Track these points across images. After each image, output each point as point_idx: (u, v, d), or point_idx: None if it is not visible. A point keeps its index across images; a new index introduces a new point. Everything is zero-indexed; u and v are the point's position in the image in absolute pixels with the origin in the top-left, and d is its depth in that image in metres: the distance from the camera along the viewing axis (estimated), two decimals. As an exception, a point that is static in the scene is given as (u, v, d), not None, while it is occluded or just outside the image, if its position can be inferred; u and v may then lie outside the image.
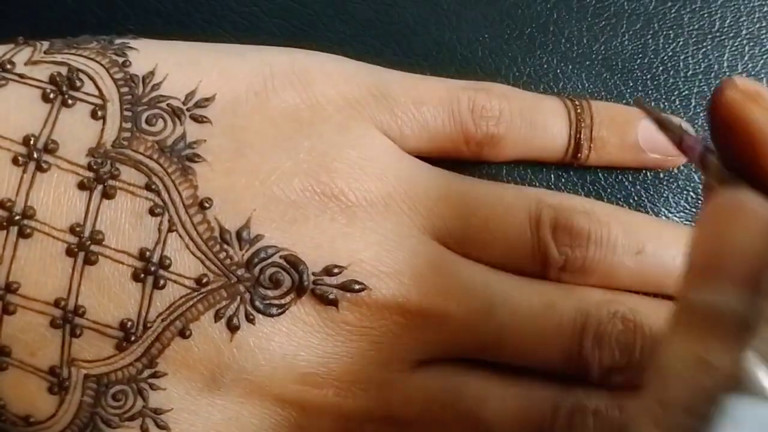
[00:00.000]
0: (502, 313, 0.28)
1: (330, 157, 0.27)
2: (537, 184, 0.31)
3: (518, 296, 0.28)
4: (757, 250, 0.18)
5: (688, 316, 0.19)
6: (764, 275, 0.17)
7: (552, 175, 0.31)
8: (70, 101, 0.26)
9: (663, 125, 0.23)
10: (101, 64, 0.27)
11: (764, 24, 0.32)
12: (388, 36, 0.31)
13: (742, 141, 0.19)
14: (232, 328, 0.26)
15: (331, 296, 0.26)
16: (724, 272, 0.18)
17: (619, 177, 0.31)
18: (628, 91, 0.32)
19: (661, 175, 0.31)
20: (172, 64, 0.27)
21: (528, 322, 0.28)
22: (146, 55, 0.27)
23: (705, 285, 0.19)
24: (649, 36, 0.32)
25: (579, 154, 0.30)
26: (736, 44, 0.32)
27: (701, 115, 0.32)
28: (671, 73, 0.32)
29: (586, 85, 0.32)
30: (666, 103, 0.32)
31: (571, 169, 0.31)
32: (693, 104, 0.32)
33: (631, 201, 0.31)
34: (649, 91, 0.32)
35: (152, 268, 0.25)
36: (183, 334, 0.26)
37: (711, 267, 0.19)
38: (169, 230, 0.26)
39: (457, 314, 0.27)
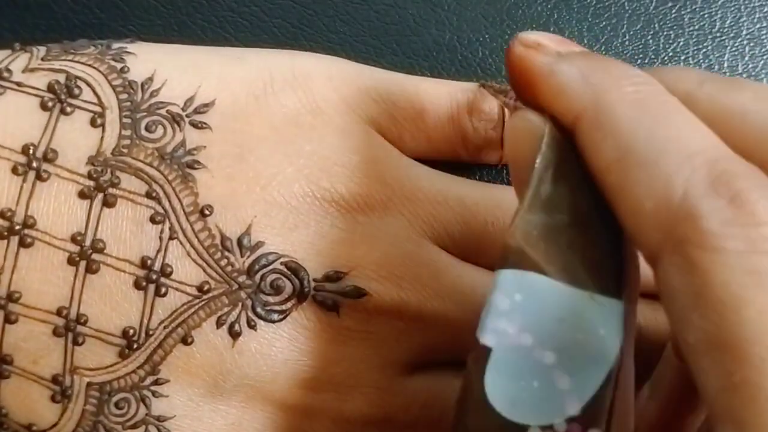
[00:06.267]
0: (502, 316, 0.28)
1: (331, 162, 0.27)
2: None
3: (518, 299, 0.28)
4: (530, 151, 0.21)
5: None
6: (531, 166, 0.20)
7: (552, 177, 0.31)
8: (68, 109, 0.26)
9: (497, 93, 0.27)
10: (99, 71, 0.26)
11: (765, 24, 0.32)
12: (388, 36, 0.31)
13: (525, 83, 0.22)
14: (234, 335, 0.26)
15: (332, 302, 0.26)
16: (520, 183, 0.21)
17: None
18: (629, 91, 0.31)
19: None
20: (171, 70, 0.27)
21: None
22: (144, 60, 0.27)
23: (519, 198, 0.21)
24: (650, 36, 0.32)
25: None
26: (736, 44, 0.32)
27: (701, 115, 0.32)
28: (672, 73, 0.32)
29: (587, 85, 0.31)
30: (666, 104, 0.32)
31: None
32: (693, 104, 0.32)
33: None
34: (650, 92, 0.32)
35: (154, 276, 0.25)
36: (185, 341, 0.26)
37: (516, 183, 0.22)
38: (170, 238, 0.25)
39: (456, 318, 0.27)
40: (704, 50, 0.32)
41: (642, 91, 0.20)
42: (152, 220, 0.25)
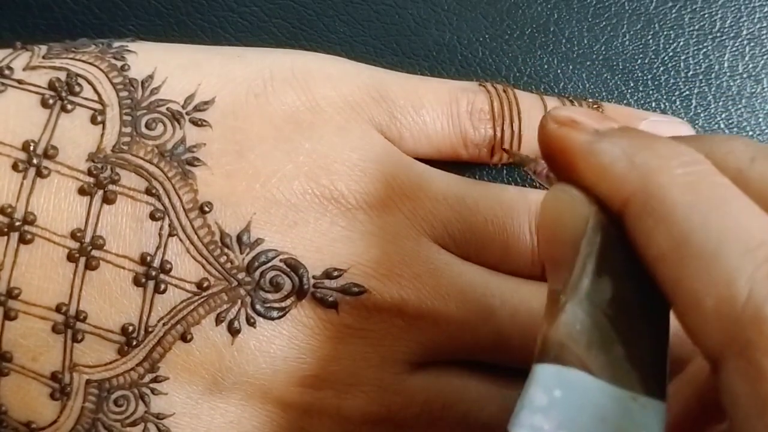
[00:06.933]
0: (501, 314, 0.28)
1: (330, 159, 0.27)
2: (538, 185, 0.31)
3: (517, 298, 0.28)
4: (573, 231, 0.20)
5: (547, 303, 0.20)
6: (574, 253, 0.20)
7: (552, 176, 0.31)
8: (69, 106, 0.26)
9: (523, 162, 0.26)
10: (100, 69, 0.27)
11: (765, 24, 0.32)
12: (388, 36, 0.31)
13: (562, 160, 0.21)
14: (233, 332, 0.26)
15: (331, 299, 0.26)
16: (556, 260, 0.20)
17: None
18: (629, 91, 0.32)
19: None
20: (171, 68, 0.27)
21: (527, 323, 0.28)
22: (145, 58, 0.27)
23: (551, 274, 0.20)
24: (650, 36, 0.32)
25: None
26: (736, 44, 0.32)
27: (702, 115, 0.32)
28: (672, 73, 0.32)
29: (587, 85, 0.32)
30: (667, 104, 0.32)
31: (571, 170, 0.31)
32: (694, 104, 0.32)
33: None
34: (650, 92, 0.32)
35: (153, 273, 0.25)
36: (184, 338, 0.26)
37: (549, 258, 0.21)
38: (170, 235, 0.26)
39: (456, 316, 0.27)
40: (704, 50, 0.32)
41: (693, 172, 0.19)
42: (152, 216, 0.25)
